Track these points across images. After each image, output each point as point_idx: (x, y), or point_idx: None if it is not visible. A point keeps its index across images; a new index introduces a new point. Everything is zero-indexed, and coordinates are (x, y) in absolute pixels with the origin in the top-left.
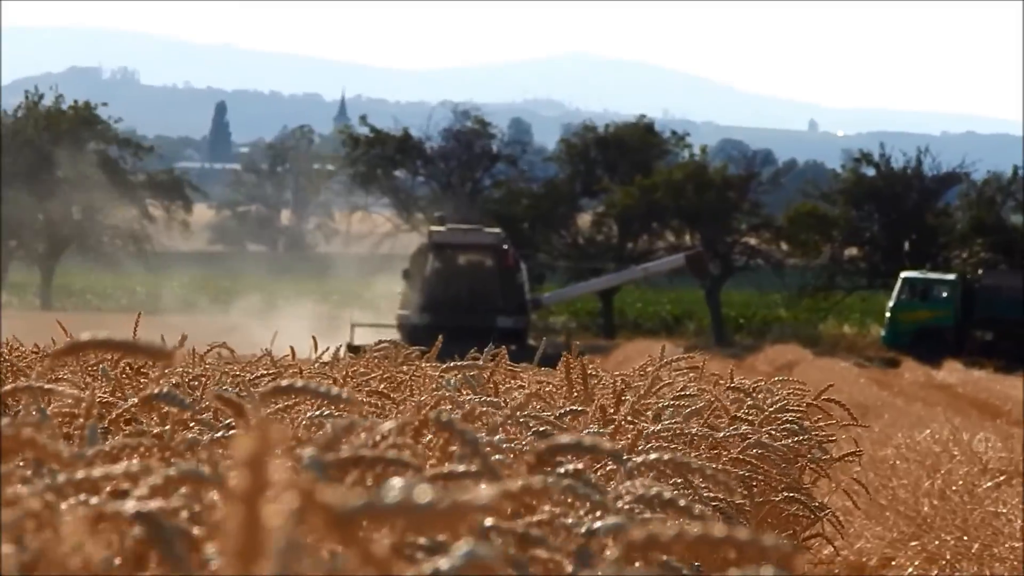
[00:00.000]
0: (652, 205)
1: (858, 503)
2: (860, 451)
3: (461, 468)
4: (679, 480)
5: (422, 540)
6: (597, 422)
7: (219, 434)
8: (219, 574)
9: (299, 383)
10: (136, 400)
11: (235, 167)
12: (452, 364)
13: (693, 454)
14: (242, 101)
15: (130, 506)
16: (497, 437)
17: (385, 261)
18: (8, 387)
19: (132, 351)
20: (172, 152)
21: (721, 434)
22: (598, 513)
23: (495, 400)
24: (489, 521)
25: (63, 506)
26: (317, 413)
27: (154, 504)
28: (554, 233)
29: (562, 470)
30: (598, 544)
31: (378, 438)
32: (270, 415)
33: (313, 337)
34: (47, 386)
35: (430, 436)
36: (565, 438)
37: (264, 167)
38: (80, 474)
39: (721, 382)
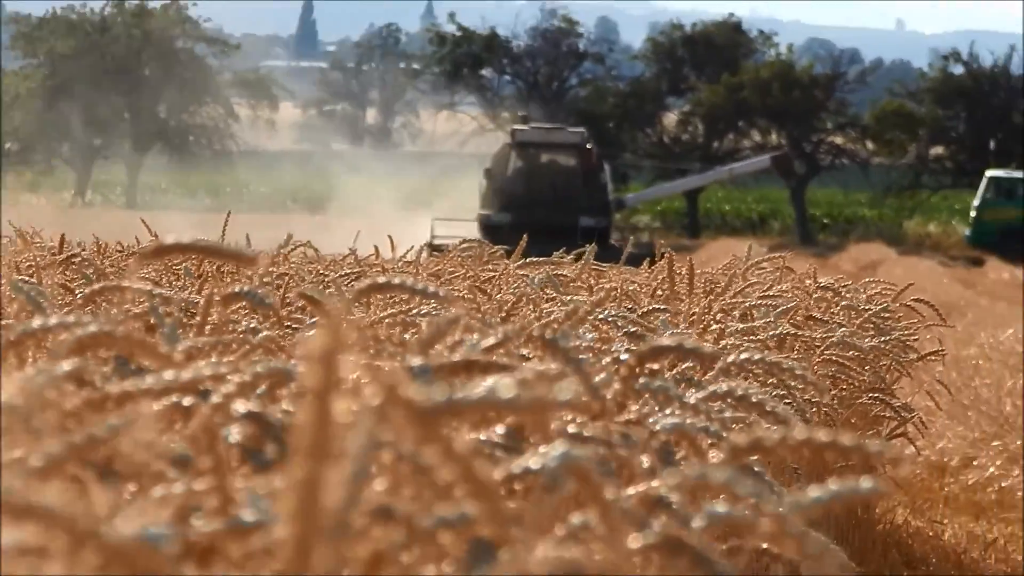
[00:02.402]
0: (739, 104)
1: (941, 403)
2: (943, 351)
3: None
4: (771, 380)
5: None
6: (686, 321)
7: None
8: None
9: (395, 279)
10: (217, 299)
11: (322, 65)
12: (536, 261)
13: (783, 355)
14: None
15: (239, 406)
16: (590, 336)
17: (471, 160)
18: (97, 287)
19: (217, 255)
20: (258, 50)
21: (815, 335)
22: (681, 412)
23: (582, 300)
24: (573, 424)
25: (156, 406)
26: (415, 312)
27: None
28: (640, 132)
29: (649, 368)
30: (689, 443)
31: (485, 343)
32: (364, 316)
33: (389, 237)
34: (133, 285)
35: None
36: (666, 340)
37: (351, 66)
38: (170, 375)
39: (808, 281)
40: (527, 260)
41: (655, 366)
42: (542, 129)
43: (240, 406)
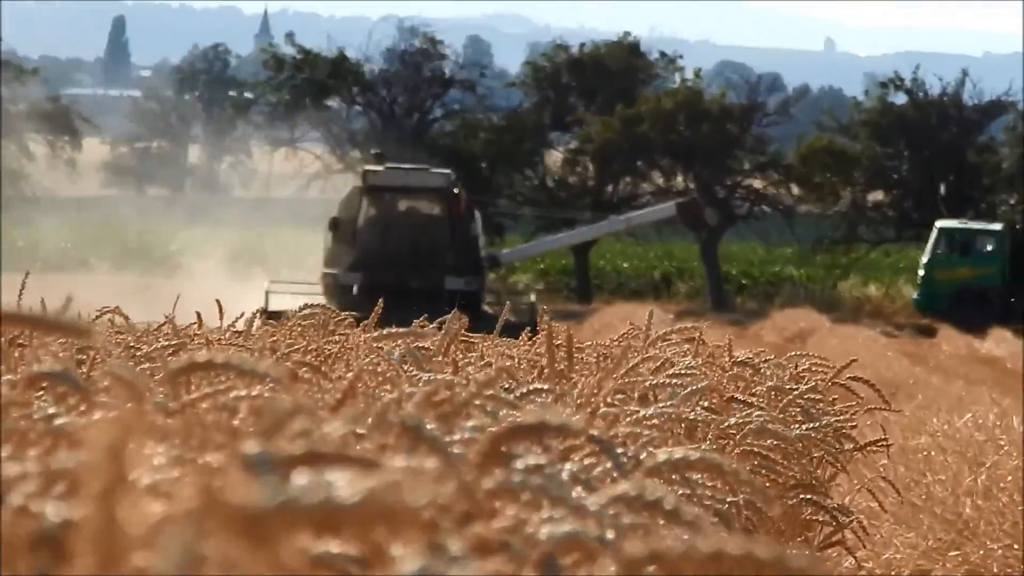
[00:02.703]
0: (636, 140)
1: (885, 504)
2: (887, 440)
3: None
4: (675, 476)
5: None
6: (573, 404)
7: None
8: None
9: (219, 357)
10: (18, 379)
11: (135, 94)
12: (395, 333)
13: (695, 445)
14: (144, 15)
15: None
16: (471, 424)
17: (314, 208)
18: None
19: (47, 327)
20: (60, 77)
21: (728, 421)
22: (572, 517)
23: (452, 379)
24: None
25: None
26: (246, 393)
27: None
28: (518, 174)
29: (525, 463)
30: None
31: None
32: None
33: (217, 301)
34: None
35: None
36: (527, 417)
37: (169, 94)
38: None
39: (723, 356)
40: (384, 331)
41: (540, 460)
42: (400, 170)
43: (45, 508)
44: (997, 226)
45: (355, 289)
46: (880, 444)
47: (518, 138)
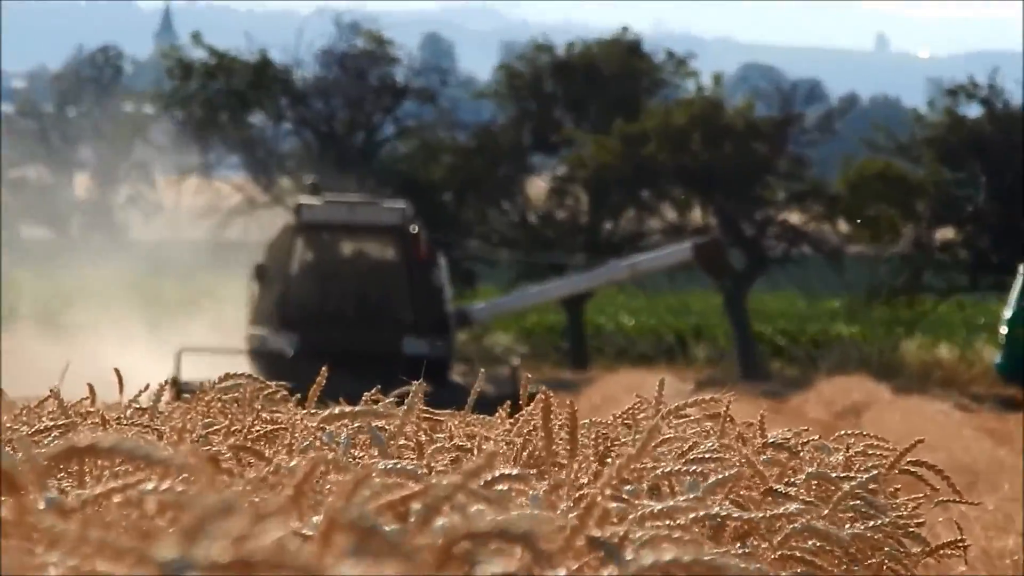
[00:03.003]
0: (641, 164)
1: None
2: (965, 540)
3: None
4: None
5: None
6: (570, 497)
7: None
8: None
9: (107, 441)
10: None
11: (5, 110)
12: (340, 411)
13: (723, 549)
14: (16, 12)
15: None
16: (440, 523)
17: (234, 251)
18: None
19: None
20: None
21: (758, 515)
22: None
23: (414, 469)
24: None
25: None
26: (151, 488)
27: None
28: (492, 208)
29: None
30: None
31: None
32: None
33: (116, 371)
34: None
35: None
36: (481, 522)
37: (49, 109)
38: None
39: (755, 437)
40: (330, 410)
41: (510, 568)
42: (342, 204)
43: None
44: None
45: (290, 355)
46: (956, 546)
47: (491, 162)
